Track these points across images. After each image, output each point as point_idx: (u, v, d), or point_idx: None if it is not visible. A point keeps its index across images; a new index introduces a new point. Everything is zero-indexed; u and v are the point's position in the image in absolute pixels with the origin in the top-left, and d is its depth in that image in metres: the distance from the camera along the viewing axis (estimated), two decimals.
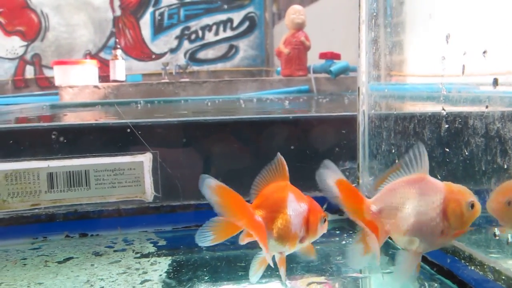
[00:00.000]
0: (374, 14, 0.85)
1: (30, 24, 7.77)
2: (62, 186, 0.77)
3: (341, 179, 0.52)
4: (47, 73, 7.79)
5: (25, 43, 7.72)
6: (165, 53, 7.58)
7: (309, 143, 0.83)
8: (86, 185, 0.77)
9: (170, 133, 0.80)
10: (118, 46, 3.36)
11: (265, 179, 0.55)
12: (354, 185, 0.85)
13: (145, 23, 7.80)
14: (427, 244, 0.48)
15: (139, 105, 2.13)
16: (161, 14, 7.74)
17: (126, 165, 0.78)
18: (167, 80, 3.56)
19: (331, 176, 0.53)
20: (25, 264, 0.68)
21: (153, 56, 7.39)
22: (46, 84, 7.78)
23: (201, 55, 7.61)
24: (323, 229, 0.55)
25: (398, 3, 0.90)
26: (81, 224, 0.78)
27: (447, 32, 0.65)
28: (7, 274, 0.65)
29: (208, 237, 0.49)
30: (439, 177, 0.59)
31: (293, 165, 0.82)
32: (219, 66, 7.53)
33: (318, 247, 0.73)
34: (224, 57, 7.59)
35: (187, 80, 3.29)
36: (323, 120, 0.85)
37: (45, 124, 0.83)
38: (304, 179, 0.82)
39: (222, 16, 7.71)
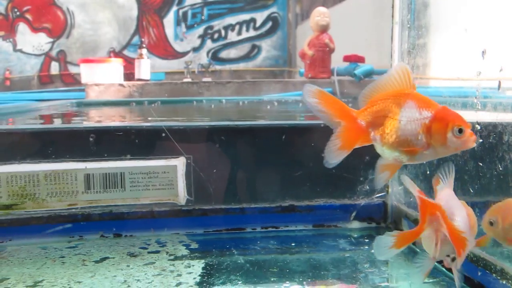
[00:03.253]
0: (408, 19, 0.84)
1: (56, 21, 7.93)
2: (98, 187, 0.79)
3: None
4: (72, 69, 7.94)
5: (51, 40, 7.88)
6: (188, 52, 7.64)
7: None
8: (121, 187, 0.80)
9: (203, 137, 0.82)
10: (144, 46, 3.40)
11: (381, 88, 0.47)
12: (383, 193, 0.85)
13: (169, 22, 7.88)
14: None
15: (153, 104, 2.17)
16: (185, 13, 7.80)
17: (160, 169, 0.80)
18: (191, 80, 3.60)
19: None
20: (63, 262, 0.71)
21: (176, 55, 7.45)
22: (71, 81, 7.94)
23: (224, 54, 7.64)
24: (459, 140, 0.44)
25: (423, 7, 0.90)
26: (115, 225, 0.80)
27: (483, 47, 0.65)
28: (48, 271, 0.68)
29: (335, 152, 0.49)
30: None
31: (325, 172, 0.83)
32: (241, 66, 7.55)
33: (347, 255, 0.74)
34: (246, 57, 7.61)
35: (211, 80, 3.32)
36: None
37: (83, 126, 0.86)
38: (336, 186, 0.83)
39: (245, 16, 7.73)
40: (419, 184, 0.66)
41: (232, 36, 7.83)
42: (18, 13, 7.89)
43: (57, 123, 1.13)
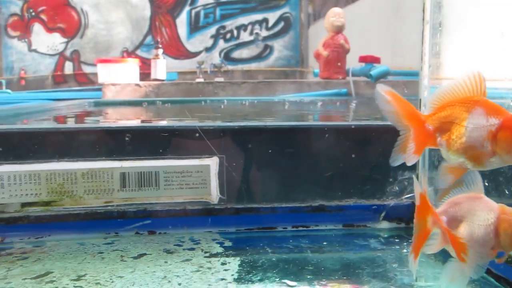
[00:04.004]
0: (440, 21, 0.85)
1: (70, 21, 8.01)
2: (134, 186, 0.81)
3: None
4: (85, 69, 8.01)
5: (65, 40, 7.97)
6: (200, 52, 7.67)
7: (370, 151, 0.85)
8: (156, 186, 0.82)
9: (236, 138, 0.83)
10: (160, 46, 3.44)
11: (451, 93, 0.48)
12: (412, 194, 0.86)
13: (182, 22, 7.92)
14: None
15: (166, 104, 2.19)
16: (197, 13, 7.84)
17: (193, 168, 0.82)
18: (203, 80, 3.62)
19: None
20: (103, 258, 0.73)
21: (189, 55, 7.49)
22: (84, 80, 8.01)
23: (236, 54, 7.66)
24: None
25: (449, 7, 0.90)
26: (150, 223, 0.82)
27: None
28: (89, 266, 0.70)
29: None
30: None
31: (354, 173, 0.84)
32: (253, 66, 7.57)
33: (379, 254, 0.75)
34: (258, 57, 7.62)
35: (226, 80, 3.35)
36: (383, 129, 0.86)
37: (119, 125, 0.88)
38: (366, 186, 0.84)
39: (258, 16, 7.74)
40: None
41: (245, 36, 7.84)
42: (33, 13, 7.98)
43: (94, 123, 1.16)
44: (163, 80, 3.33)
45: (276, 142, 0.84)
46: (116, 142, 0.82)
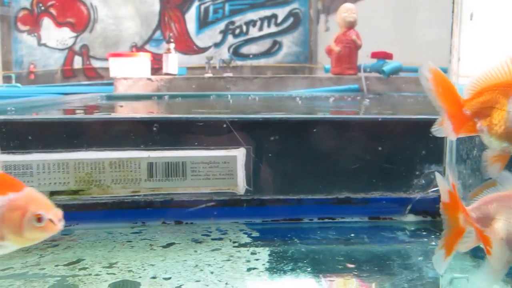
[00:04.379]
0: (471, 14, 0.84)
1: (79, 16, 8.03)
2: (161, 176, 0.82)
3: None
4: (94, 63, 8.03)
5: (75, 34, 7.99)
6: (209, 47, 7.66)
7: (396, 144, 0.84)
8: (183, 176, 0.82)
9: (263, 129, 0.83)
10: (172, 40, 3.44)
11: (488, 78, 0.47)
12: (438, 188, 0.85)
13: (191, 17, 7.91)
14: None
15: (177, 98, 2.19)
16: (207, 9, 7.83)
17: (220, 159, 0.82)
18: (212, 75, 3.62)
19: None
20: (132, 246, 0.73)
21: (198, 50, 7.49)
22: (93, 75, 8.04)
23: (245, 50, 7.65)
24: None
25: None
26: (176, 212, 0.83)
27: None
28: (119, 254, 0.70)
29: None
30: None
31: (381, 166, 0.83)
32: (262, 61, 7.55)
33: (408, 246, 0.75)
34: (267, 53, 7.60)
35: (236, 75, 3.34)
36: (411, 122, 0.86)
37: (147, 116, 0.88)
38: (392, 179, 0.84)
39: (267, 12, 7.72)
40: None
41: (254, 32, 7.82)
42: (42, 8, 8.01)
43: (122, 114, 1.16)
44: (174, 75, 3.33)
45: (303, 134, 0.84)
46: (144, 133, 0.82)
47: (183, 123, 0.84)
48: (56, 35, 7.93)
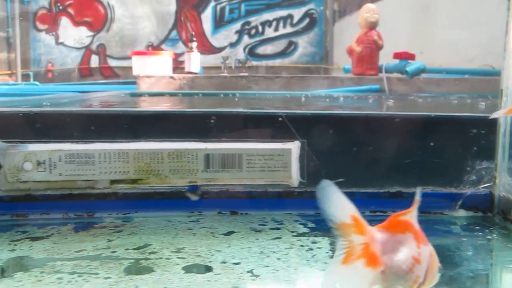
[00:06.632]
0: None
1: (97, 15, 8.12)
2: (217, 167, 0.84)
3: None
4: (111, 62, 8.11)
5: (92, 34, 8.08)
6: (224, 47, 7.70)
7: (448, 140, 0.86)
8: (238, 167, 0.84)
9: (318, 124, 0.85)
10: (194, 39, 3.47)
11: None
12: (490, 184, 0.87)
13: (207, 17, 7.95)
14: None
15: (195, 96, 2.21)
16: (222, 9, 7.86)
17: (275, 151, 0.84)
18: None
19: None
20: (194, 234, 0.76)
21: (213, 50, 7.53)
22: (110, 73, 8.13)
23: (260, 50, 7.67)
24: None
25: None
26: (232, 202, 0.85)
27: None
28: (184, 240, 0.72)
29: None
30: None
31: (432, 161, 0.85)
32: (277, 62, 7.57)
33: (464, 239, 0.76)
34: (282, 53, 7.62)
35: (259, 74, 3.37)
36: (464, 120, 0.87)
37: (206, 110, 0.91)
38: (443, 175, 0.85)
39: (283, 12, 7.74)
40: None
41: (269, 32, 7.84)
42: (61, 7, 8.11)
43: (180, 107, 1.19)
44: (196, 73, 3.37)
45: (356, 129, 0.86)
46: (201, 125, 0.84)
47: (239, 116, 0.86)
48: (73, 34, 8.04)
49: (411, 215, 0.50)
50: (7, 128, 0.83)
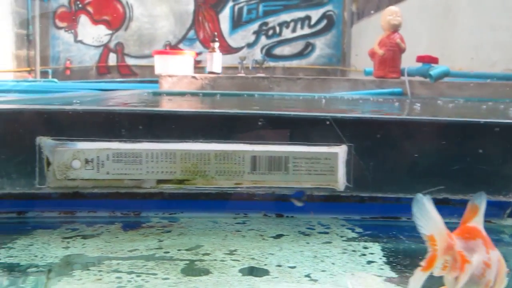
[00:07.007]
0: None
1: (115, 14, 8.19)
2: (263, 169, 0.84)
3: None
4: (128, 61, 8.17)
5: (110, 32, 8.16)
6: (242, 48, 7.70)
7: (498, 148, 0.85)
8: (285, 170, 0.84)
9: (365, 128, 0.85)
10: (216, 39, 3.48)
11: None
12: None
13: (224, 17, 7.97)
14: None
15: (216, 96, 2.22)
16: (240, 9, 7.87)
17: (322, 155, 0.84)
18: (261, 75, 3.65)
19: None
20: (243, 236, 0.76)
21: (231, 50, 7.54)
22: (127, 72, 8.18)
23: (277, 51, 7.67)
24: None
25: None
26: (277, 205, 0.85)
27: None
28: (234, 242, 0.73)
29: None
30: None
31: (481, 168, 0.84)
32: (294, 63, 7.56)
33: None
34: (300, 55, 7.61)
35: (281, 75, 3.37)
36: (510, 126, 0.86)
37: (252, 112, 0.91)
38: (491, 182, 0.84)
39: (300, 13, 7.73)
40: None
41: (287, 33, 7.84)
42: (80, 5, 8.19)
43: (227, 108, 1.19)
44: (218, 73, 3.38)
45: (403, 134, 0.85)
46: (248, 127, 0.84)
47: (286, 119, 0.86)
48: (92, 32, 8.12)
49: (478, 221, 0.51)
50: (56, 126, 0.84)
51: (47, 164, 0.83)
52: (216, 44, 3.43)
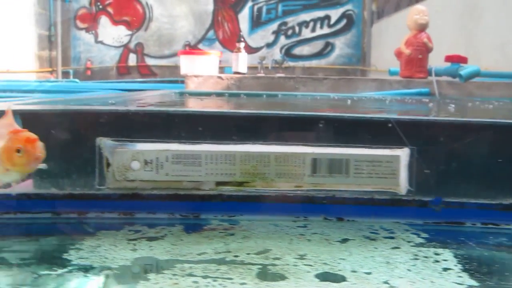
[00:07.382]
0: None
1: (135, 15, 8.26)
2: (324, 172, 0.83)
3: None
4: (148, 61, 8.23)
5: (130, 32, 8.23)
6: (261, 48, 7.70)
7: None
8: (345, 173, 0.83)
9: (428, 131, 0.83)
10: (242, 39, 3.48)
11: None
12: None
13: (244, 17, 7.98)
14: None
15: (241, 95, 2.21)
16: (260, 9, 7.87)
17: (384, 158, 0.82)
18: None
19: None
20: (309, 240, 0.75)
21: (250, 50, 7.54)
22: (147, 72, 8.25)
23: (297, 51, 7.65)
24: None
25: None
26: (338, 209, 0.83)
27: None
28: (301, 246, 0.71)
29: None
30: None
31: None
32: (313, 62, 7.53)
33: None
34: (319, 54, 7.58)
35: (307, 76, 3.35)
36: None
37: (313, 113, 0.90)
38: None
39: (320, 13, 7.69)
40: None
41: (306, 33, 7.82)
42: (100, 6, 8.29)
43: (286, 110, 1.19)
44: (244, 74, 3.37)
45: (468, 137, 0.83)
46: (309, 128, 0.83)
47: (347, 121, 0.85)
48: (112, 33, 8.21)
49: None
50: (115, 127, 0.84)
51: (107, 165, 0.83)
52: (242, 44, 3.43)
